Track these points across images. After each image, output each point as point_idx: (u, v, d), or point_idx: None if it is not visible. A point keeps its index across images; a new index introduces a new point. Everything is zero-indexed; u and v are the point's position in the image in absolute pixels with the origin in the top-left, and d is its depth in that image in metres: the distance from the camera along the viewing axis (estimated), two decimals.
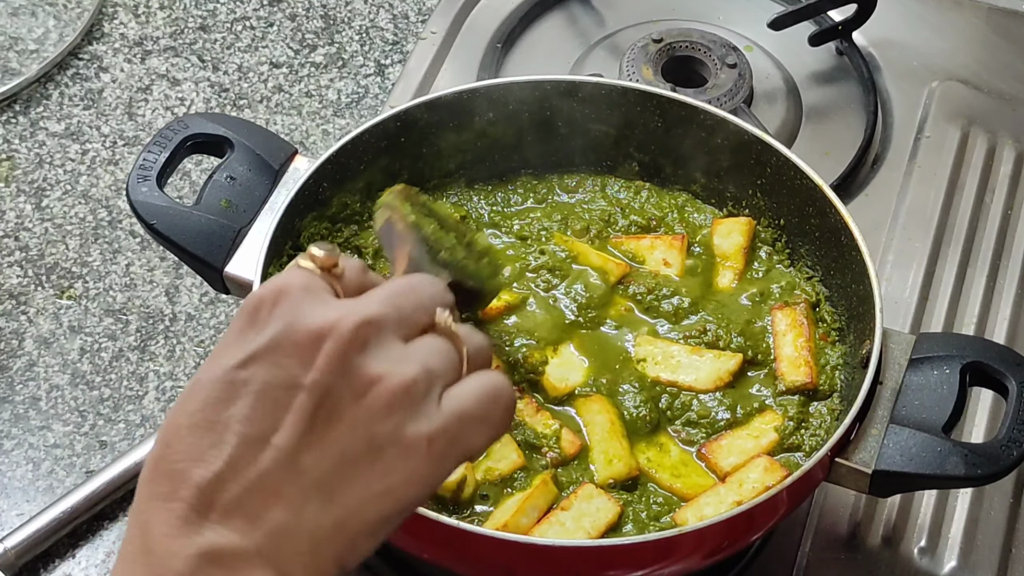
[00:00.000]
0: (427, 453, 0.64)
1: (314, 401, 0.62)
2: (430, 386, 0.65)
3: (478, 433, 0.66)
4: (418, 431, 0.64)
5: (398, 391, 0.63)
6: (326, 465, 0.62)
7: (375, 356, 0.64)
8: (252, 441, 0.62)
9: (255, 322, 0.64)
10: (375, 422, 0.63)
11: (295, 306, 0.64)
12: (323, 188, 1.04)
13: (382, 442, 0.63)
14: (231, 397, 0.63)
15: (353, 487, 0.63)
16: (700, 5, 1.40)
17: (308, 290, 0.65)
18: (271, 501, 0.62)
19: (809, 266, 1.07)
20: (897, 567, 1.04)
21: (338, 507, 0.63)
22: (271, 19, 1.46)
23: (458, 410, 0.65)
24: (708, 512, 0.92)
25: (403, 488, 0.64)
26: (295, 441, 0.62)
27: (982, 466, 0.90)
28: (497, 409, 0.67)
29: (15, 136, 1.36)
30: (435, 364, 0.65)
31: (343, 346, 0.63)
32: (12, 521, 1.11)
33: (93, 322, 1.23)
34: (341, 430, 0.63)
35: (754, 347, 1.02)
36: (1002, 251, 1.23)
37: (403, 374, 0.64)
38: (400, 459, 0.64)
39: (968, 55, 1.37)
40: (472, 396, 0.66)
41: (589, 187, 1.13)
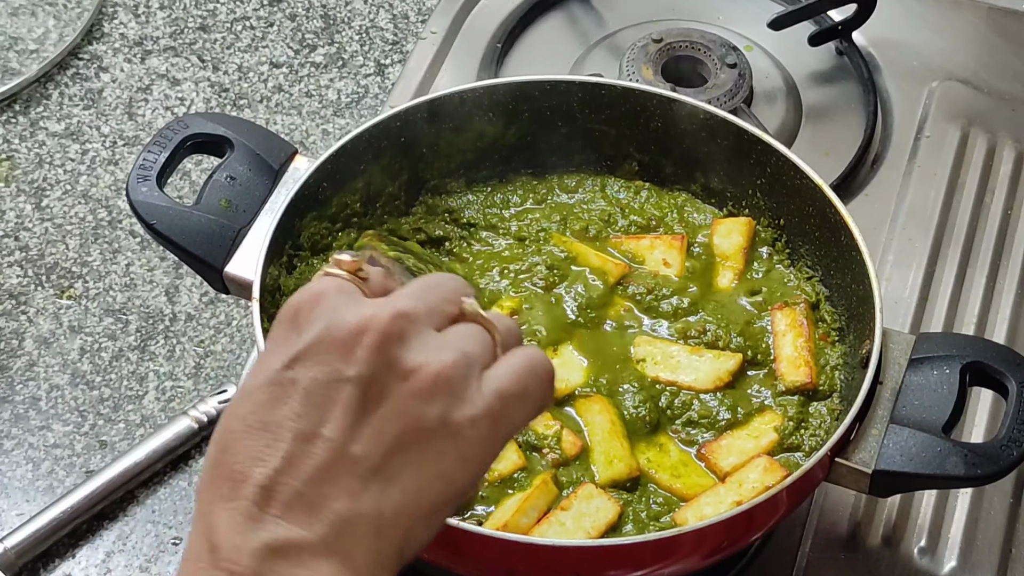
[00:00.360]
0: (474, 434, 0.66)
1: (360, 391, 0.65)
2: (469, 370, 0.67)
3: (520, 409, 0.68)
4: (463, 413, 0.66)
5: (440, 376, 0.66)
6: (379, 452, 0.64)
7: (413, 346, 0.66)
8: (305, 436, 0.64)
9: (295, 327, 0.67)
10: (421, 407, 0.65)
11: (332, 307, 0.67)
12: (323, 188, 1.04)
13: (430, 426, 0.65)
14: (280, 397, 0.65)
15: (407, 472, 0.65)
16: (700, 5, 1.40)
17: (342, 291, 0.68)
18: (330, 491, 0.64)
19: (809, 266, 1.07)
20: (897, 567, 1.04)
21: (395, 492, 0.65)
22: (271, 19, 1.46)
23: (498, 389, 0.67)
24: (708, 512, 0.92)
25: (455, 470, 0.66)
26: (346, 431, 0.64)
27: (982, 466, 0.90)
28: (535, 382, 0.69)
29: (15, 136, 1.36)
30: (470, 348, 0.68)
31: (382, 337, 0.65)
32: (12, 521, 1.11)
33: (93, 322, 1.23)
34: (389, 417, 0.65)
35: (754, 347, 1.02)
36: (1002, 251, 1.23)
37: (442, 360, 0.66)
38: (449, 441, 0.66)
39: (968, 55, 1.37)
40: (510, 374, 0.68)
41: (589, 187, 1.13)
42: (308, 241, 1.05)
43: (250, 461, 0.64)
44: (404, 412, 0.65)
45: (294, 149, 1.06)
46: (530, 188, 1.13)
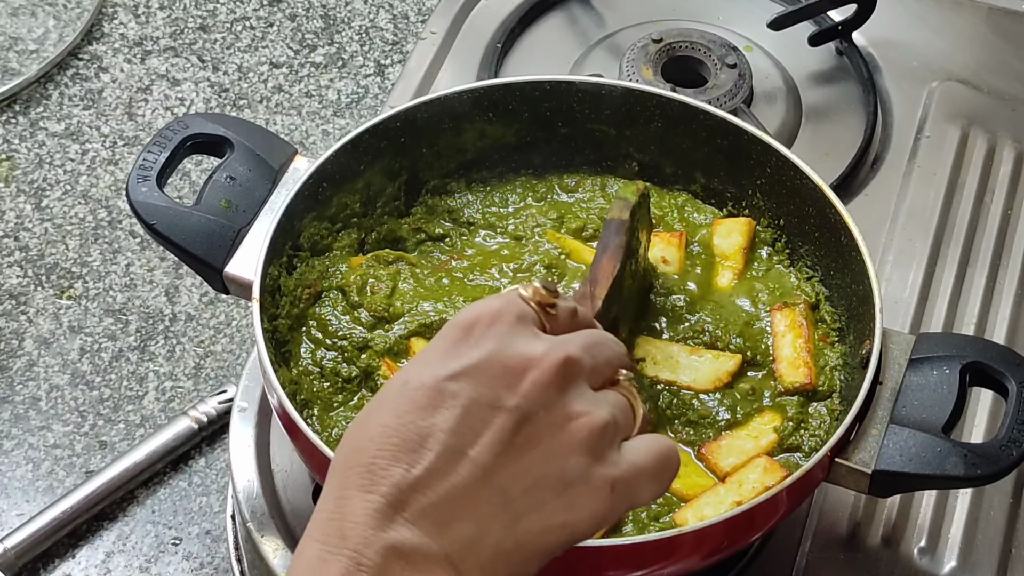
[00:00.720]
0: (608, 496, 0.68)
1: (515, 423, 0.66)
2: (616, 434, 0.69)
3: (648, 488, 0.71)
4: (605, 474, 0.68)
5: (594, 431, 0.68)
6: (518, 488, 0.66)
7: (573, 395, 0.68)
8: (452, 452, 0.66)
9: (468, 338, 0.69)
10: (569, 456, 0.67)
11: (508, 331, 0.69)
12: (323, 188, 1.04)
13: (572, 477, 0.67)
14: (438, 406, 0.66)
15: (538, 514, 0.67)
16: (700, 5, 1.40)
17: (522, 319, 0.70)
18: (462, 513, 0.65)
19: (809, 266, 1.07)
20: (897, 567, 1.04)
21: (521, 530, 0.66)
22: (271, 19, 1.46)
23: (637, 463, 0.70)
24: (708, 512, 0.92)
25: (580, 524, 0.68)
26: (492, 459, 0.66)
27: (982, 466, 0.90)
28: (668, 469, 0.71)
29: (15, 136, 1.36)
30: (619, 416, 0.70)
31: (548, 377, 0.67)
32: (12, 521, 1.11)
33: (93, 322, 1.23)
34: (536, 457, 0.67)
35: (753, 348, 1.02)
36: (1002, 251, 1.23)
37: (599, 416, 0.68)
38: (585, 497, 0.67)
39: (968, 55, 1.37)
40: (649, 453, 0.71)
41: (588, 187, 1.13)
42: (308, 241, 1.04)
43: (394, 460, 0.65)
44: (551, 456, 0.67)
45: (294, 149, 1.06)
46: (529, 188, 1.13)
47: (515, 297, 0.71)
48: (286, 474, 1.05)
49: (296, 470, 1.05)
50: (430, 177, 1.11)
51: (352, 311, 1.02)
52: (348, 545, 0.64)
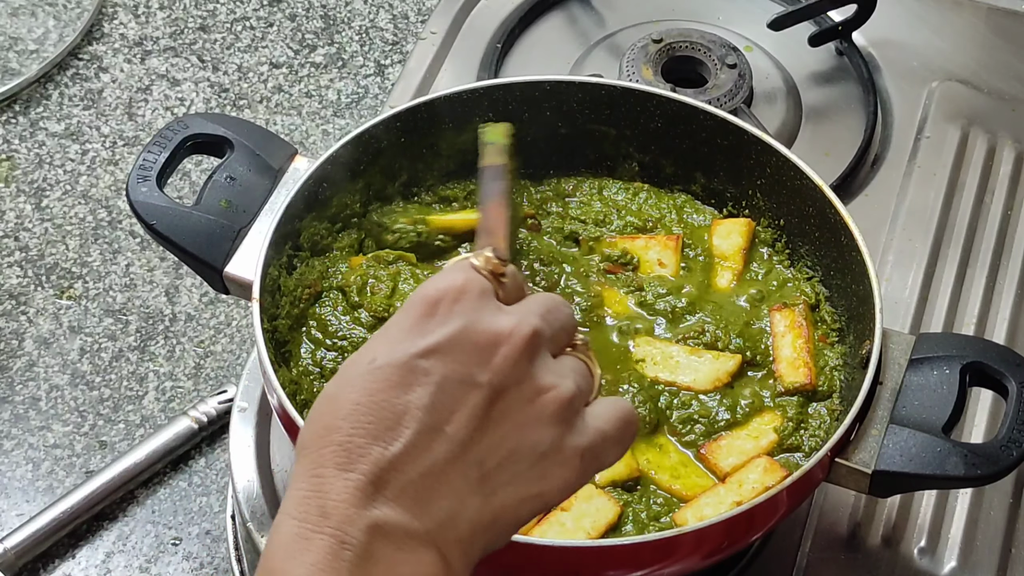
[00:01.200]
0: (578, 464, 0.69)
1: (488, 399, 0.67)
2: (580, 402, 0.70)
3: (613, 452, 0.72)
4: (574, 443, 0.69)
5: (563, 402, 0.69)
6: (493, 462, 0.67)
7: (540, 367, 0.69)
8: (428, 430, 0.66)
9: (435, 314, 0.69)
10: (541, 428, 0.68)
11: (474, 307, 0.69)
12: (323, 188, 1.04)
13: (545, 448, 0.68)
14: (411, 384, 0.67)
15: (513, 486, 0.68)
16: (700, 5, 1.40)
17: (484, 294, 0.70)
18: (441, 489, 0.66)
19: (809, 266, 1.07)
20: (897, 567, 1.04)
21: (497, 503, 0.67)
22: (271, 19, 1.46)
23: (602, 429, 0.71)
24: (708, 512, 0.92)
25: (552, 493, 0.69)
26: (467, 435, 0.67)
27: (982, 466, 0.90)
28: (629, 432, 0.72)
29: (15, 136, 1.36)
30: (582, 383, 0.71)
31: (518, 352, 0.68)
32: (12, 521, 1.11)
33: (93, 322, 1.23)
34: (509, 430, 0.68)
35: (753, 348, 1.02)
36: (1002, 251, 1.23)
37: (567, 387, 0.69)
38: (557, 466, 0.69)
39: (968, 55, 1.37)
40: (610, 418, 0.71)
41: (586, 190, 1.13)
42: (308, 241, 1.04)
43: (371, 438, 0.66)
44: (524, 429, 0.68)
45: (294, 149, 1.06)
46: (525, 188, 1.13)
47: (470, 269, 0.71)
48: (286, 474, 1.05)
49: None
50: (430, 177, 1.11)
51: (352, 311, 1.02)
52: (330, 523, 0.64)
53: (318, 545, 0.64)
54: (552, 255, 1.07)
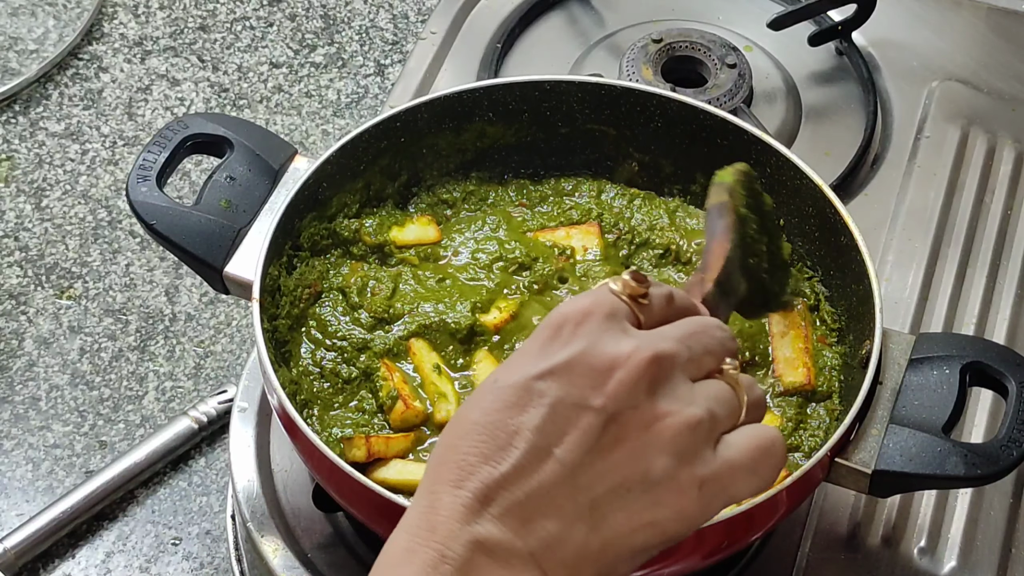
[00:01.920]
0: (697, 495, 0.67)
1: (601, 423, 0.66)
2: (711, 430, 0.68)
3: (746, 484, 0.69)
4: (693, 473, 0.67)
5: (682, 429, 0.67)
6: (602, 488, 0.66)
7: (663, 393, 0.68)
8: (538, 451, 0.66)
9: (558, 338, 0.69)
10: (655, 455, 0.67)
11: (597, 329, 0.69)
12: (323, 188, 1.04)
13: (658, 476, 0.67)
14: (525, 405, 0.67)
15: (623, 513, 0.67)
16: (700, 5, 1.40)
17: (612, 316, 0.69)
18: (547, 511, 0.66)
19: (809, 266, 1.07)
20: (897, 567, 1.04)
21: (606, 530, 0.66)
22: (271, 19, 1.46)
23: (732, 458, 0.69)
24: None
25: (669, 523, 0.67)
26: (577, 459, 0.66)
27: (982, 466, 0.90)
28: (768, 463, 0.70)
29: (15, 136, 1.36)
30: (718, 410, 0.69)
31: (635, 376, 0.67)
32: (12, 521, 1.11)
33: (93, 322, 1.23)
34: (621, 456, 0.67)
35: (752, 348, 1.02)
36: (1002, 251, 1.23)
37: (689, 414, 0.68)
38: (672, 495, 0.67)
39: (968, 55, 1.37)
40: (746, 447, 0.69)
41: (585, 191, 1.13)
42: (308, 241, 1.05)
43: (481, 457, 0.66)
44: (637, 455, 0.67)
45: (294, 149, 1.06)
46: (525, 191, 1.12)
47: (605, 292, 0.70)
48: (286, 474, 1.05)
49: (296, 470, 1.05)
50: (430, 177, 1.11)
51: (352, 312, 1.02)
52: (435, 537, 0.65)
53: (421, 557, 0.64)
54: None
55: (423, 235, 1.08)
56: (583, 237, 1.08)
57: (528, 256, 1.05)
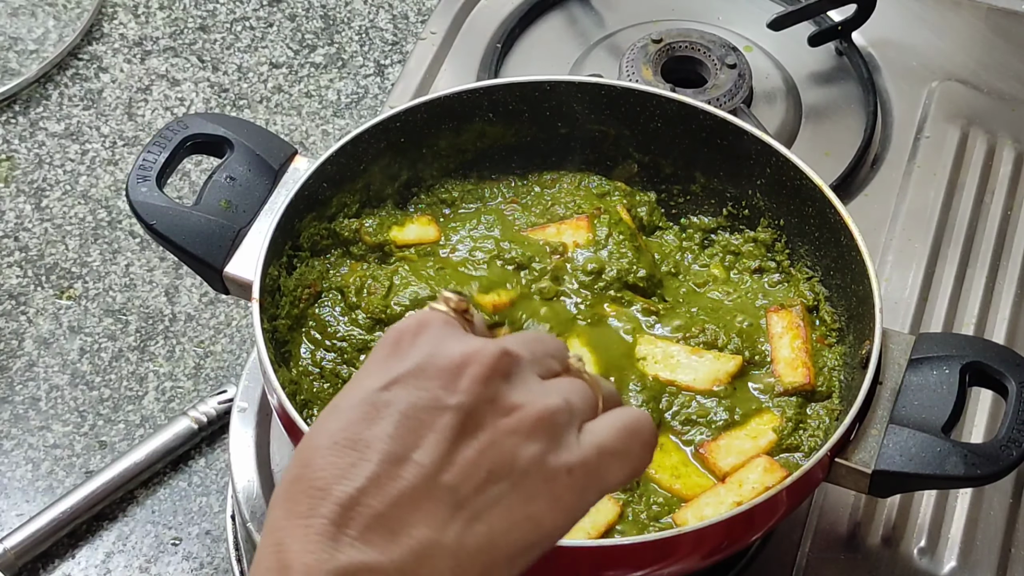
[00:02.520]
0: (569, 483, 0.65)
1: (458, 421, 0.63)
2: (571, 418, 0.66)
3: (617, 467, 0.67)
4: (560, 459, 0.65)
5: (543, 417, 0.65)
6: (469, 485, 0.63)
7: (516, 385, 0.66)
8: (394, 458, 0.62)
9: (397, 351, 0.66)
10: (518, 446, 0.64)
11: (438, 336, 0.66)
12: (323, 188, 1.04)
13: (525, 466, 0.64)
14: (374, 417, 0.63)
15: (496, 510, 0.63)
16: (700, 5, 1.40)
17: (448, 324, 0.67)
18: (413, 517, 0.62)
19: (809, 266, 1.07)
20: (897, 567, 1.04)
21: (481, 528, 0.63)
22: (271, 19, 1.46)
23: (597, 443, 0.66)
24: (708, 512, 0.92)
25: (546, 515, 0.64)
26: (438, 459, 0.62)
27: (982, 466, 0.90)
28: (635, 444, 0.67)
29: (15, 136, 1.36)
30: (574, 400, 0.67)
31: (488, 370, 0.65)
32: (12, 521, 1.11)
33: (93, 322, 1.23)
34: (484, 451, 0.64)
35: (751, 348, 1.02)
36: (1002, 251, 1.23)
37: (547, 403, 0.65)
38: (543, 484, 0.64)
39: (968, 55, 1.37)
40: (611, 430, 0.67)
41: (567, 182, 1.12)
42: (308, 242, 1.05)
43: (332, 478, 0.62)
44: (501, 448, 0.64)
45: (294, 149, 1.06)
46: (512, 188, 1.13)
47: (432, 311, 0.68)
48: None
49: None
50: (430, 177, 1.11)
51: (351, 312, 1.02)
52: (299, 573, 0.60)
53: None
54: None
55: (423, 235, 1.08)
56: (573, 232, 1.08)
57: (524, 255, 1.05)
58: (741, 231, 1.10)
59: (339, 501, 0.61)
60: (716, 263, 1.09)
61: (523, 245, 1.06)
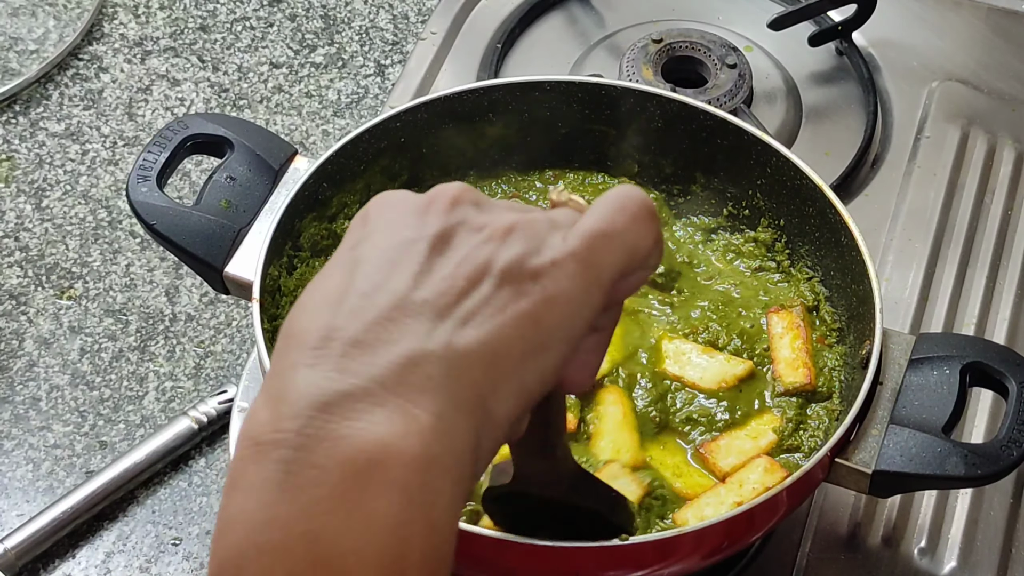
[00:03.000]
0: (559, 274, 0.60)
1: (429, 246, 0.60)
2: (552, 227, 0.62)
3: (610, 249, 0.62)
4: (543, 258, 0.60)
5: (518, 223, 0.61)
6: (449, 295, 0.59)
7: (489, 211, 0.62)
8: (367, 293, 0.59)
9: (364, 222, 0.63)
10: (495, 251, 0.60)
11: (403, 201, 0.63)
12: (323, 188, 1.04)
13: (505, 267, 0.60)
14: (346, 273, 0.60)
15: (483, 313, 0.59)
16: (700, 5, 1.40)
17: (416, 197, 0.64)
18: (391, 335, 0.57)
19: (809, 266, 1.07)
20: (897, 567, 1.04)
21: (471, 332, 0.58)
22: (271, 19, 1.46)
23: (582, 230, 0.62)
24: (708, 513, 0.92)
25: (541, 310, 0.59)
26: (410, 280, 0.59)
27: (982, 466, 0.90)
28: (626, 218, 0.62)
29: (15, 136, 1.36)
30: (558, 216, 0.63)
31: (454, 197, 0.62)
32: (12, 521, 1.11)
33: (93, 322, 1.23)
34: (459, 263, 0.60)
35: (750, 349, 1.02)
36: (1002, 251, 1.23)
37: (525, 216, 0.62)
38: (529, 282, 0.59)
39: (968, 55, 1.37)
40: (595, 214, 0.63)
41: (570, 181, 1.12)
42: (308, 242, 1.05)
43: (306, 328, 0.58)
44: (476, 256, 0.60)
45: (294, 149, 1.06)
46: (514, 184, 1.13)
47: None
48: None
49: None
50: (430, 177, 1.11)
51: None
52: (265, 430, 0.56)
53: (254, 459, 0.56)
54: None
55: None
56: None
57: None
58: (741, 231, 1.10)
59: (312, 343, 0.57)
60: (719, 257, 1.09)
61: None
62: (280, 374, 0.58)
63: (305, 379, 0.56)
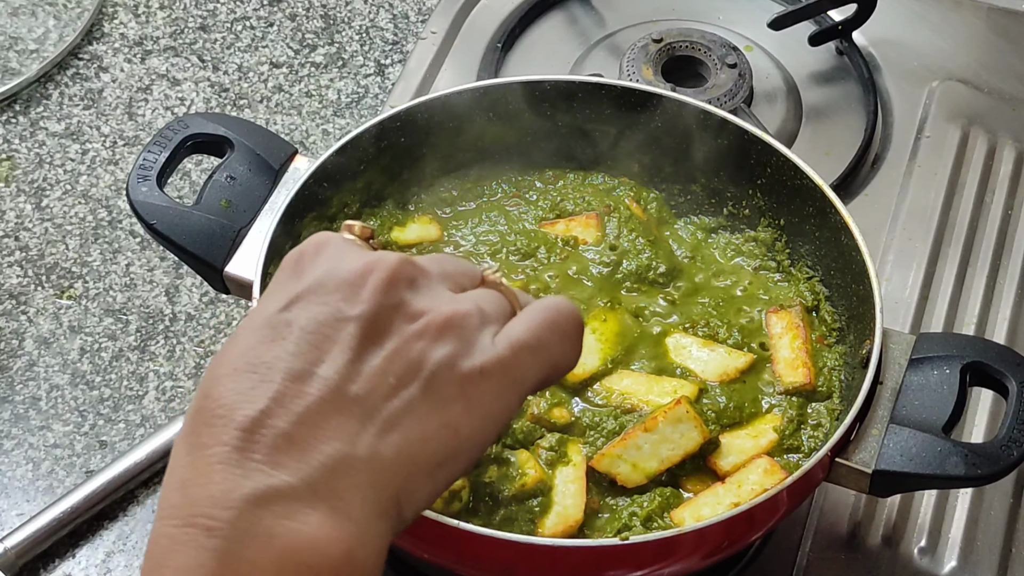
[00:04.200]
0: (485, 385, 0.61)
1: (361, 330, 0.60)
2: (483, 322, 0.62)
3: (535, 362, 0.63)
4: (472, 362, 0.61)
5: (452, 320, 0.61)
6: (378, 394, 0.59)
7: (424, 294, 0.62)
8: (297, 375, 0.58)
9: (297, 271, 0.63)
10: (426, 350, 0.60)
11: (338, 252, 0.63)
12: (323, 188, 1.04)
13: (434, 369, 0.60)
14: (274, 339, 0.60)
15: (410, 418, 0.59)
16: (700, 5, 1.40)
17: (347, 241, 0.64)
18: (321, 433, 0.57)
19: (809, 266, 1.07)
20: (897, 567, 1.04)
21: (396, 437, 0.59)
22: (271, 19, 1.46)
23: (513, 339, 0.62)
24: (706, 512, 0.92)
25: (461, 421, 0.60)
26: (343, 370, 0.59)
27: (982, 466, 0.90)
28: (553, 336, 0.64)
29: (15, 136, 1.36)
30: (487, 307, 0.63)
31: (390, 276, 0.61)
32: (12, 521, 1.11)
33: (93, 322, 1.23)
34: (390, 358, 0.60)
35: (750, 343, 1.02)
36: (1002, 251, 1.23)
37: (456, 308, 0.62)
38: (455, 389, 0.60)
39: (968, 55, 1.37)
40: (525, 325, 0.63)
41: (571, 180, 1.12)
42: None
43: (233, 404, 0.58)
44: (408, 353, 0.60)
45: (294, 149, 1.07)
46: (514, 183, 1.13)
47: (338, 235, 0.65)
48: None
49: None
50: (429, 177, 1.11)
51: None
52: (195, 512, 0.55)
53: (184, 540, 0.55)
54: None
55: (425, 234, 1.08)
56: (583, 230, 1.08)
57: (530, 246, 1.06)
58: (741, 231, 1.10)
59: (242, 425, 0.57)
60: (720, 255, 1.09)
61: (529, 237, 1.06)
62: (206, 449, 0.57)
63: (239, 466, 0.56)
